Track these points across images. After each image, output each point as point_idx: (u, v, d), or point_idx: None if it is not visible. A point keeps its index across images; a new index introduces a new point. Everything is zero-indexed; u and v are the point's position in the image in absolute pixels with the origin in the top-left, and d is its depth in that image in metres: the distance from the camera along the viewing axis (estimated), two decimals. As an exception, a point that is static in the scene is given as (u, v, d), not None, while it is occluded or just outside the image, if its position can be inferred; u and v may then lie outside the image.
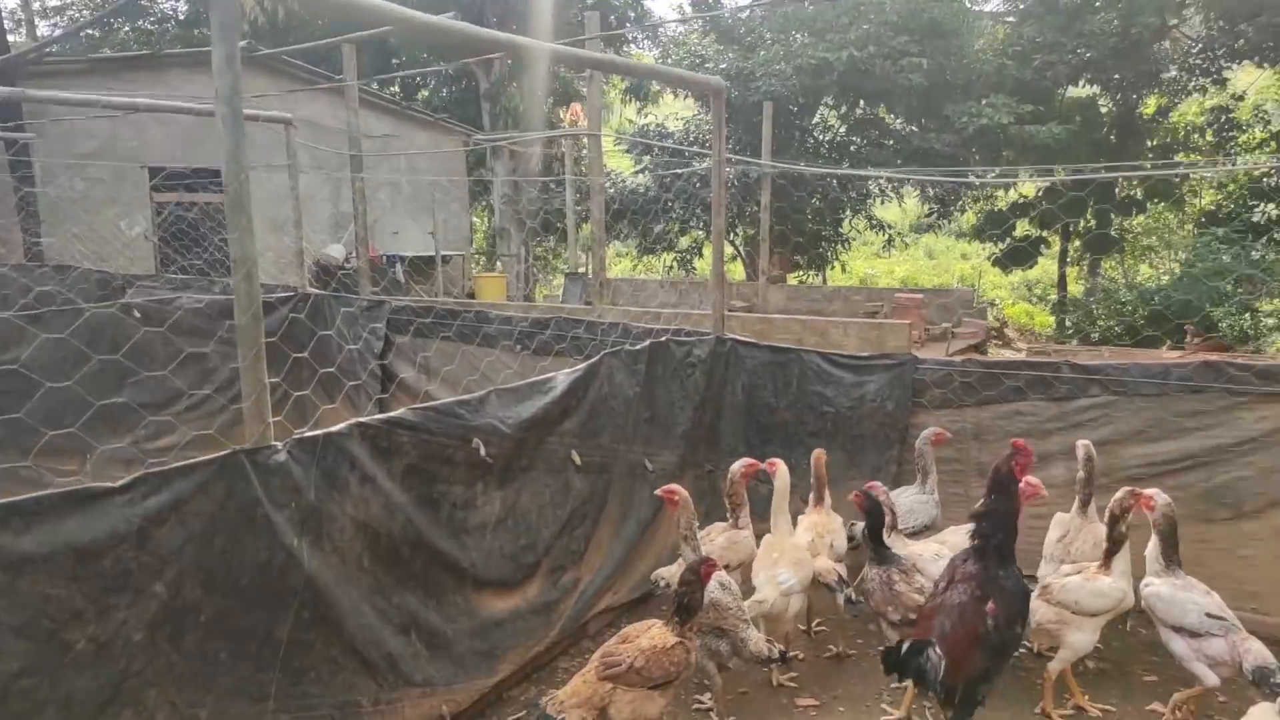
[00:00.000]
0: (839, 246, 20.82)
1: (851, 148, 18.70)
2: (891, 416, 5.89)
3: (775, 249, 17.05)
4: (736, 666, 4.29)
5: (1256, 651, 3.83)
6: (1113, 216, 22.60)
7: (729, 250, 21.10)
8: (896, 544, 4.62)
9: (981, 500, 3.86)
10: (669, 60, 19.45)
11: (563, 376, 4.80)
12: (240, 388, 3.34)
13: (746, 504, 4.93)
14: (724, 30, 18.91)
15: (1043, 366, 5.48)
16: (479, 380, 6.02)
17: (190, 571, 3.02)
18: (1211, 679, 4.01)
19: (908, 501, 5.34)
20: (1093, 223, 22.91)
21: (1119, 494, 4.29)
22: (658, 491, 4.45)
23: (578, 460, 4.90)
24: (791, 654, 4.94)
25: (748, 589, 4.55)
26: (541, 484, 4.71)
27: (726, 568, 4.56)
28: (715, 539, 4.78)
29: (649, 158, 18.87)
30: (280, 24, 19.56)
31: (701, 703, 4.45)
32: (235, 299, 3.28)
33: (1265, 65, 21.34)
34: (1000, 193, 25.25)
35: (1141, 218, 25.17)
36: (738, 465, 4.89)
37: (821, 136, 19.48)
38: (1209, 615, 4.00)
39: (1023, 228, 24.02)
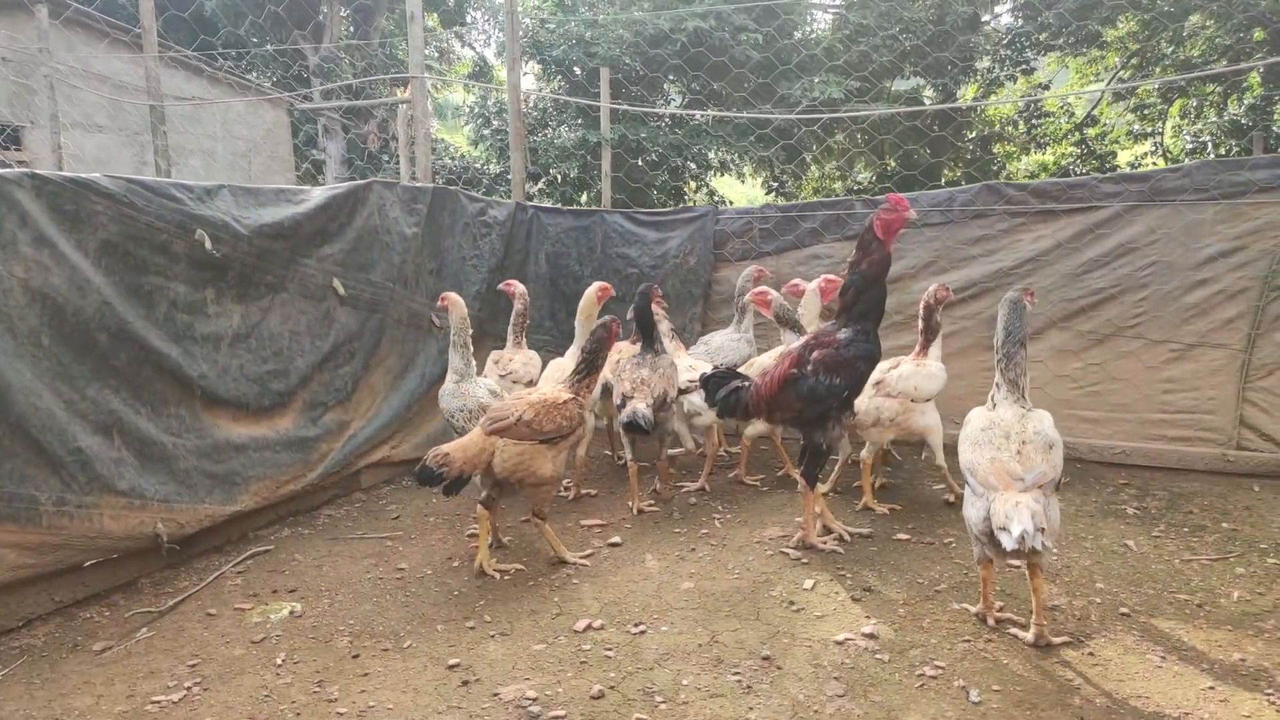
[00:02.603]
0: (685, 228, 21.06)
1: (691, 122, 18.93)
2: (694, 272, 5.71)
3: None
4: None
5: None
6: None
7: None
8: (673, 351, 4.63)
9: (848, 266, 3.70)
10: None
11: (319, 191, 4.33)
12: None
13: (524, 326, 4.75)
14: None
15: (836, 205, 5.44)
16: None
17: None
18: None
19: (719, 340, 5.18)
20: (923, 207, 24.17)
21: (930, 290, 4.33)
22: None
23: (340, 289, 4.43)
24: (585, 491, 4.66)
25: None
26: (295, 308, 4.21)
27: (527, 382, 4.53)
28: (514, 359, 4.69)
29: (489, 131, 18.44)
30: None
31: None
32: None
33: (1067, 55, 23.13)
34: (837, 184, 26.40)
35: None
36: (518, 288, 4.64)
37: (663, 111, 19.66)
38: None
39: (860, 212, 25.10)
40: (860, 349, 3.56)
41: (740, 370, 4.83)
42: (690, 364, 4.61)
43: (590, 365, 3.69)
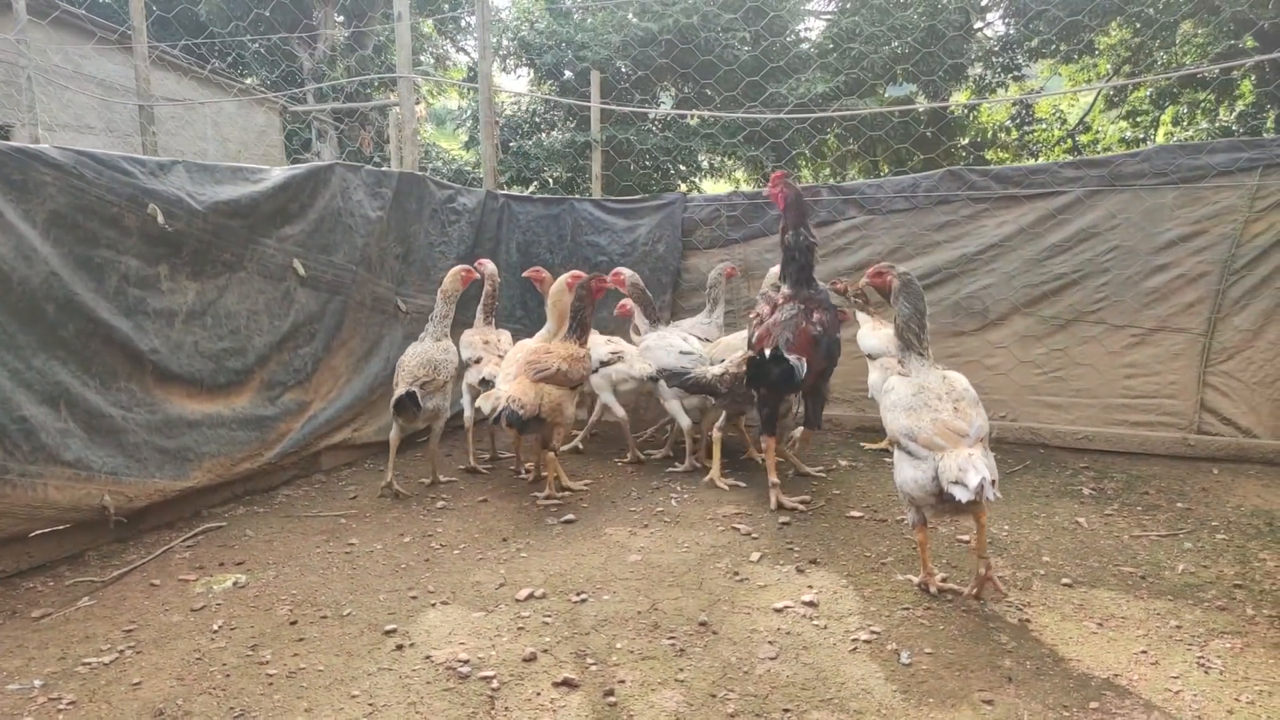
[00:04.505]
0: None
1: (681, 122, 18.99)
2: (663, 260, 5.72)
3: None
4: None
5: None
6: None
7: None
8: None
9: (787, 231, 3.98)
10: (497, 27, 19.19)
11: (279, 170, 4.35)
12: None
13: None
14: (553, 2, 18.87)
15: (803, 192, 5.43)
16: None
17: None
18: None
19: (688, 325, 5.19)
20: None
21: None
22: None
23: (301, 270, 4.43)
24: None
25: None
26: (254, 287, 4.22)
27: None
28: (501, 339, 4.89)
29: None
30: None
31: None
32: None
33: (1059, 62, 23.17)
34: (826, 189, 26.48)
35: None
36: (489, 268, 4.71)
37: (653, 114, 19.72)
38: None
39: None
40: (833, 307, 3.98)
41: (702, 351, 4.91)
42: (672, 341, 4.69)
43: (585, 326, 4.25)
